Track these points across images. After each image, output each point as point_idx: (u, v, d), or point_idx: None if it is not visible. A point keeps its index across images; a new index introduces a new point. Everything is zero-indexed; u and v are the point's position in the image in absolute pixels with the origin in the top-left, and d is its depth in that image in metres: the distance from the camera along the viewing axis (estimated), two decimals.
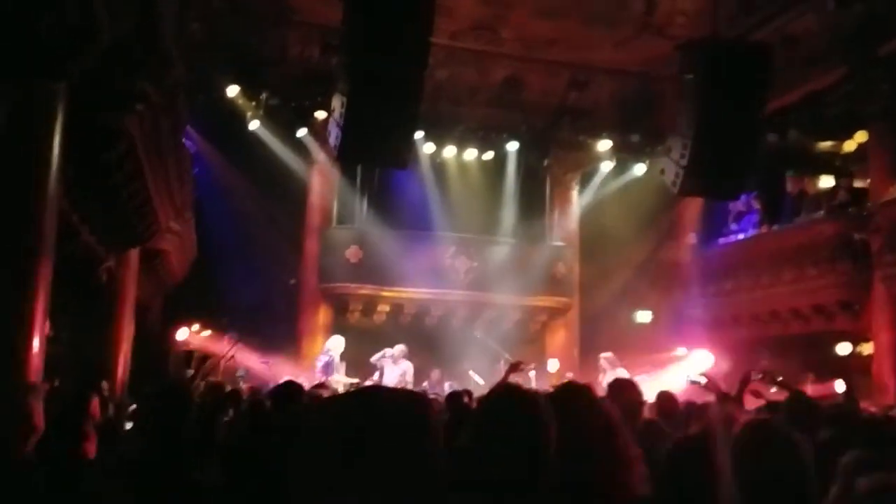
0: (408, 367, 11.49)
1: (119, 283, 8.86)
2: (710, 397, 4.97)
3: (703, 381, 4.95)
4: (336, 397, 1.36)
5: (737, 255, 13.23)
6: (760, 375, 6.25)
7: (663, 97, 12.48)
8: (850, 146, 12.68)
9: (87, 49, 3.98)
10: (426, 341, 13.27)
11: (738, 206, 13.38)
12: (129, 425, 6.51)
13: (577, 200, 15.10)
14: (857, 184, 12.25)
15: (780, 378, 6.16)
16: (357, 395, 1.29)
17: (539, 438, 1.81)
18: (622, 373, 10.31)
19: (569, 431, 1.86)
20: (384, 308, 13.78)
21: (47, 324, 5.12)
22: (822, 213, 11.99)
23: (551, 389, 2.65)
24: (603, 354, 10.71)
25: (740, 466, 2.12)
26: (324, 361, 11.15)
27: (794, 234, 12.15)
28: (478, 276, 13.97)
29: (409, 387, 10.57)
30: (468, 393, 6.79)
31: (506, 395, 2.06)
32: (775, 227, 12.74)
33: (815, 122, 12.23)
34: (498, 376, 11.21)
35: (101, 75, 4.74)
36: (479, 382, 10.96)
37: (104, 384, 7.18)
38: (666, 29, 11.69)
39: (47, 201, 4.77)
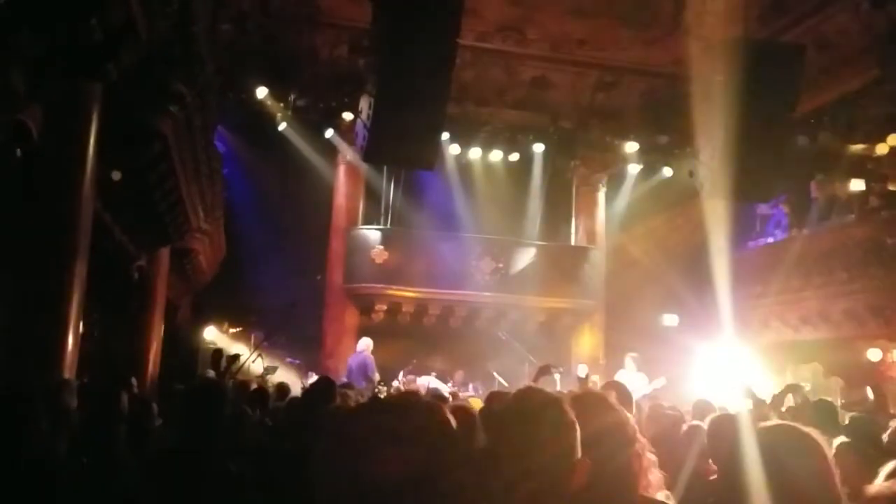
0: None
1: (150, 282, 8.97)
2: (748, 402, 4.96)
3: (747, 385, 4.93)
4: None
5: (766, 258, 13.07)
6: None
7: (692, 98, 12.35)
8: (882, 149, 12.46)
9: (126, 49, 4.04)
10: (450, 342, 13.29)
11: (767, 209, 13.23)
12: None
13: (604, 202, 15.01)
14: (890, 187, 12.04)
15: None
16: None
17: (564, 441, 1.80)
18: (641, 377, 10.25)
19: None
20: (409, 309, 13.80)
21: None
22: (853, 216, 11.81)
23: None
24: (630, 353, 10.68)
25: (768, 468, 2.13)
26: (358, 362, 11.18)
27: (825, 237, 11.97)
28: (503, 278, 13.94)
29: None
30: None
31: (529, 397, 2.06)
32: (805, 231, 12.56)
33: (847, 125, 12.05)
34: (522, 378, 11.21)
35: (137, 76, 4.81)
36: (502, 384, 10.95)
37: (133, 381, 7.26)
38: (696, 29, 11.58)
39: (83, 201, 4.84)
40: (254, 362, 10.88)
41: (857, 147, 12.85)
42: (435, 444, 1.19)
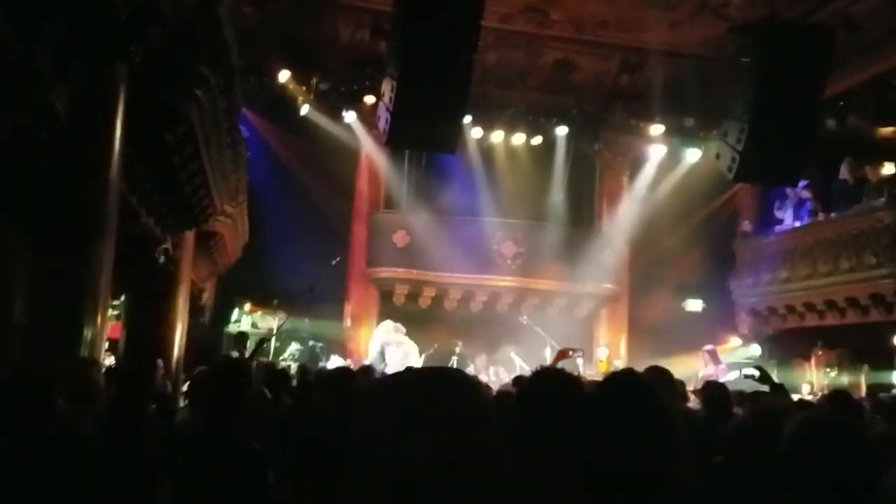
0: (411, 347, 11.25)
1: (175, 265, 9.01)
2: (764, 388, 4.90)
3: (757, 373, 4.86)
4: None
5: (793, 243, 12.92)
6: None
7: (719, 80, 12.18)
8: None
9: (150, 31, 4.04)
10: (471, 326, 13.30)
11: (793, 193, 13.07)
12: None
13: (628, 186, 14.88)
14: None
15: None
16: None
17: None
18: (722, 367, 10.14)
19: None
20: (430, 293, 13.83)
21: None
22: (882, 200, 11.62)
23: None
24: (705, 347, 10.56)
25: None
26: (378, 348, 11.20)
27: (853, 222, 11.81)
28: (524, 262, 13.91)
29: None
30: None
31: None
32: (833, 215, 12.40)
33: (876, 107, 11.83)
34: (543, 362, 11.19)
35: (162, 59, 4.82)
36: (524, 368, 10.94)
37: (159, 362, 7.35)
38: (723, 10, 11.41)
39: (110, 183, 4.87)
40: (277, 345, 10.98)
41: (887, 130, 12.63)
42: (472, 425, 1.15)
